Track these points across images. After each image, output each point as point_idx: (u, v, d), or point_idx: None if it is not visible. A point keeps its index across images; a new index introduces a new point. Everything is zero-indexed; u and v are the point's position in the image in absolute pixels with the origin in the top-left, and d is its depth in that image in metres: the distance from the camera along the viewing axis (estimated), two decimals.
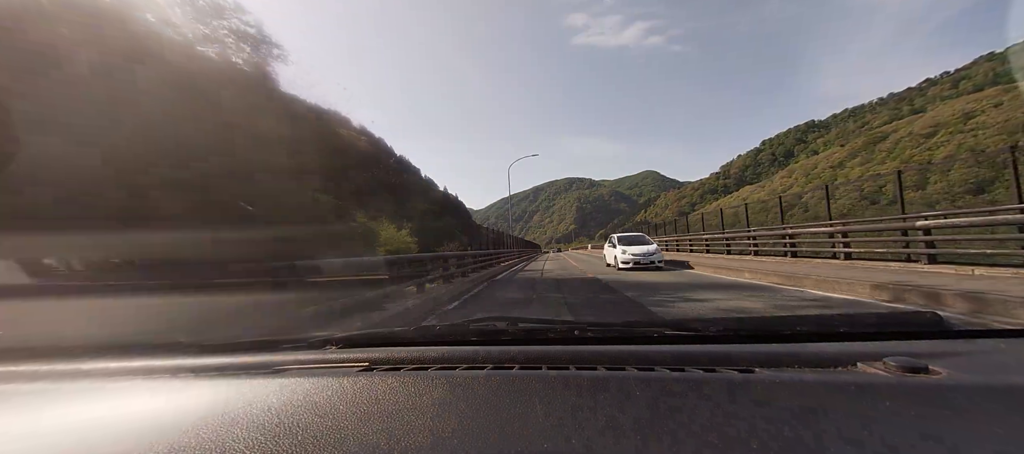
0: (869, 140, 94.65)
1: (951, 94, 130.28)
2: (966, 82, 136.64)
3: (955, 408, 0.47)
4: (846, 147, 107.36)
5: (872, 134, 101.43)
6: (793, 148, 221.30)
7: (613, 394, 0.54)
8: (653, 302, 6.08)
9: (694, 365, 0.66)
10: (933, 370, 0.58)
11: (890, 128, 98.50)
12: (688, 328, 0.87)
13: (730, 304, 5.62)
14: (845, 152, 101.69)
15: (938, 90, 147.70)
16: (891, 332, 0.81)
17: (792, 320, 0.86)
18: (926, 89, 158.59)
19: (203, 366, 0.80)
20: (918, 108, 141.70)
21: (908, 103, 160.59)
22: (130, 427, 0.56)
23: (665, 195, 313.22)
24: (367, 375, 0.68)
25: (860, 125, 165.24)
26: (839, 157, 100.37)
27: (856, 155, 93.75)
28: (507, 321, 0.95)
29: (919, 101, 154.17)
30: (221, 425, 0.52)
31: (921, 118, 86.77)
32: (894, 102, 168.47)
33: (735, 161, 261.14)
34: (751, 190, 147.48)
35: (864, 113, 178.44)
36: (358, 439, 0.48)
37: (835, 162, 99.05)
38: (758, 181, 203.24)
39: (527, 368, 0.69)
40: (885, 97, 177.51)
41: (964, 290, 4.55)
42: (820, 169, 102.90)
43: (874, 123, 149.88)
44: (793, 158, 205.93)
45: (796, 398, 0.51)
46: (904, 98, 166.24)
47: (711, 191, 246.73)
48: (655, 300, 6.28)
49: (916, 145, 76.18)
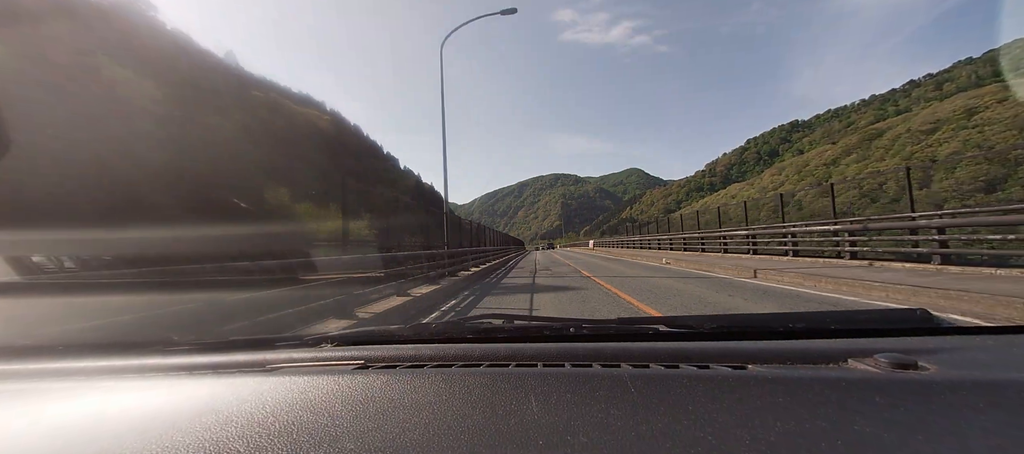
0: (864, 137, 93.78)
1: (935, 95, 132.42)
2: (949, 84, 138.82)
3: (943, 403, 0.49)
4: (838, 144, 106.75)
5: (865, 131, 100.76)
6: (778, 147, 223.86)
7: (608, 391, 0.55)
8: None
9: (688, 362, 0.67)
10: (923, 366, 0.59)
11: (884, 125, 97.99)
12: (683, 325, 0.88)
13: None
14: (838, 149, 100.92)
15: (921, 91, 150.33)
16: (882, 329, 0.83)
17: (785, 317, 0.88)
18: (910, 90, 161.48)
19: (197, 364, 0.80)
20: (903, 108, 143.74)
21: (892, 104, 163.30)
22: (122, 427, 0.55)
23: (651, 192, 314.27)
24: (362, 373, 0.68)
25: (846, 124, 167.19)
26: (832, 154, 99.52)
27: (850, 152, 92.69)
28: (503, 318, 0.98)
29: (903, 102, 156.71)
30: (215, 424, 0.52)
31: (919, 114, 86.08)
32: (878, 103, 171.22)
33: (721, 159, 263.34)
34: (740, 187, 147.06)
35: (848, 113, 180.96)
36: (353, 437, 0.48)
37: (828, 160, 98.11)
38: (744, 179, 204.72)
39: (523, 366, 0.70)
40: (867, 98, 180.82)
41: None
42: (812, 166, 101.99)
43: (860, 122, 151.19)
44: (778, 157, 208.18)
45: (789, 394, 0.52)
46: (888, 99, 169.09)
47: (697, 188, 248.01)
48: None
49: (916, 142, 74.90)
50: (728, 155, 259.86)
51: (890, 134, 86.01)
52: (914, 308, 0.88)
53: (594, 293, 7.26)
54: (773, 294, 6.30)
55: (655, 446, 0.44)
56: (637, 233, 23.77)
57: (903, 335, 0.77)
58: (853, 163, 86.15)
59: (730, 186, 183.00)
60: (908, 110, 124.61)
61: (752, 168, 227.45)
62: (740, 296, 6.26)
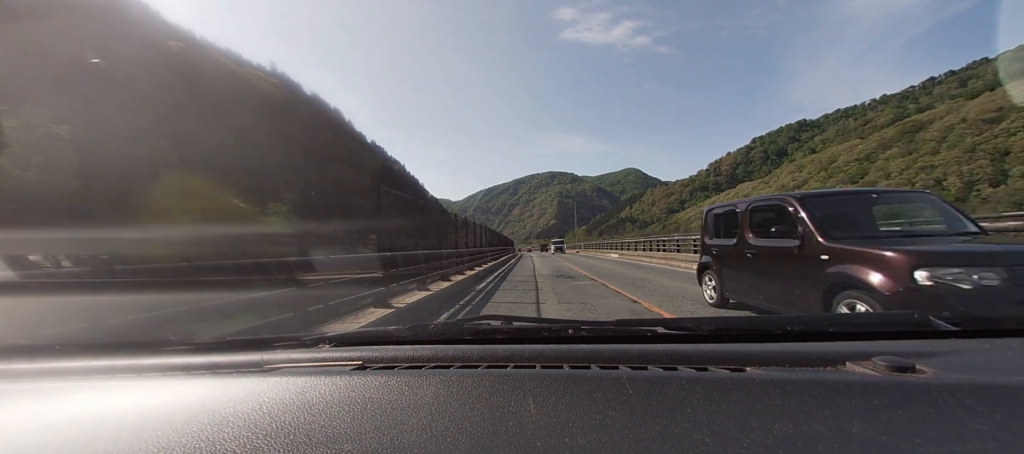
0: (902, 130, 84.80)
1: (960, 92, 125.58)
2: (975, 81, 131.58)
3: (941, 406, 0.49)
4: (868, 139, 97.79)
5: (904, 124, 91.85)
6: (786, 146, 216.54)
7: (606, 393, 0.55)
8: None
9: (686, 364, 0.68)
10: (920, 369, 0.59)
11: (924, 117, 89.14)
12: (681, 327, 0.88)
13: None
14: (872, 143, 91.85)
15: (944, 88, 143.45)
16: (880, 332, 0.83)
17: (783, 320, 0.87)
18: (930, 88, 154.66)
19: (194, 364, 0.80)
20: (924, 105, 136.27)
21: (912, 101, 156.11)
22: (118, 427, 0.54)
23: (651, 192, 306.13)
24: (360, 374, 0.67)
25: (862, 122, 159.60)
26: (864, 149, 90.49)
27: (889, 146, 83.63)
28: (501, 320, 0.98)
29: (924, 99, 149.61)
30: (212, 424, 0.52)
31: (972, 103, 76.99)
32: (896, 100, 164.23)
33: (725, 158, 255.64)
34: (753, 186, 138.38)
35: (862, 112, 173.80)
36: (351, 438, 0.48)
37: (860, 154, 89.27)
38: (751, 178, 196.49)
39: (521, 367, 0.70)
40: (879, 98, 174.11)
41: None
42: (840, 162, 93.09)
43: (878, 120, 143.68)
44: (787, 156, 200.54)
45: (786, 397, 0.52)
46: (907, 96, 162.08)
47: (701, 188, 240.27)
48: None
49: (977, 132, 65.67)
50: (733, 154, 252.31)
51: (937, 126, 77.07)
52: (912, 311, 0.86)
53: None
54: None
55: (653, 448, 0.44)
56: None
57: (901, 338, 0.76)
58: (896, 157, 77.25)
59: (739, 185, 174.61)
60: (931, 107, 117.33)
61: (759, 167, 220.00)
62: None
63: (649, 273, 11.76)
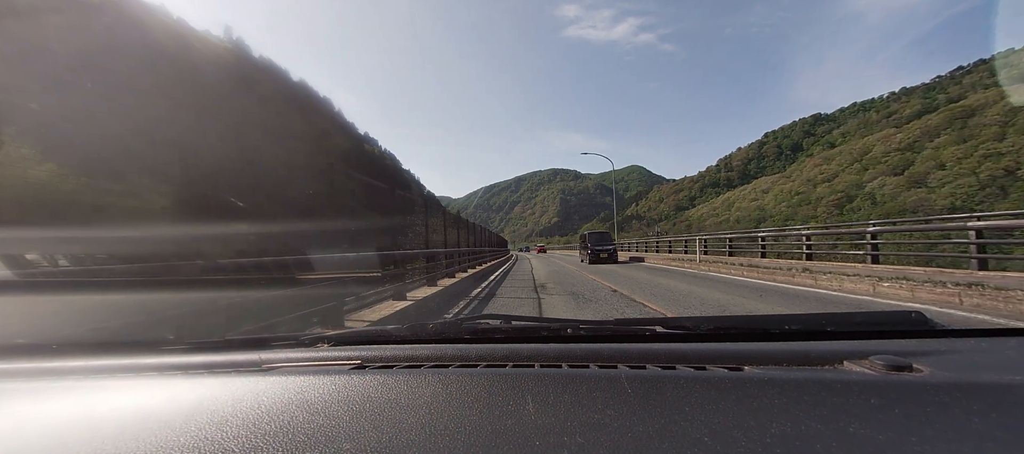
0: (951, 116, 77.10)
1: (992, 82, 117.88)
2: (1011, 70, 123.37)
3: (937, 405, 0.49)
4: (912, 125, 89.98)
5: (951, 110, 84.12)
6: (801, 140, 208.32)
7: (605, 392, 0.56)
8: None
9: (685, 363, 0.68)
10: (917, 368, 0.60)
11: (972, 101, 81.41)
12: (679, 327, 0.89)
13: None
14: (915, 130, 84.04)
15: (974, 78, 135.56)
16: (878, 331, 0.84)
17: (781, 319, 0.89)
18: (960, 77, 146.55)
19: (192, 364, 0.80)
20: (954, 96, 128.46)
21: (941, 91, 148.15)
22: (116, 427, 0.54)
23: (658, 188, 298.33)
24: (359, 373, 0.68)
25: (885, 114, 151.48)
26: (905, 138, 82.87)
27: (938, 134, 75.97)
28: (500, 319, 0.98)
29: (954, 89, 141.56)
30: (211, 424, 0.52)
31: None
32: (921, 91, 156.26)
33: (735, 154, 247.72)
34: (773, 180, 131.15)
35: (885, 103, 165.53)
36: (350, 437, 0.48)
37: (901, 144, 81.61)
38: (764, 173, 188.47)
39: (520, 366, 0.71)
40: (897, 91, 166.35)
41: None
42: (876, 153, 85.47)
43: (904, 112, 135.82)
44: (804, 151, 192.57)
45: (784, 396, 0.53)
46: (933, 87, 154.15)
47: (712, 184, 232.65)
48: None
49: None
50: (744, 149, 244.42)
51: (995, 109, 69.37)
52: (909, 310, 0.87)
53: None
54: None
55: (651, 447, 0.44)
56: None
57: (898, 337, 0.77)
58: (949, 145, 69.73)
59: (756, 180, 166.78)
60: (962, 97, 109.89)
61: (772, 162, 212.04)
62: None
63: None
